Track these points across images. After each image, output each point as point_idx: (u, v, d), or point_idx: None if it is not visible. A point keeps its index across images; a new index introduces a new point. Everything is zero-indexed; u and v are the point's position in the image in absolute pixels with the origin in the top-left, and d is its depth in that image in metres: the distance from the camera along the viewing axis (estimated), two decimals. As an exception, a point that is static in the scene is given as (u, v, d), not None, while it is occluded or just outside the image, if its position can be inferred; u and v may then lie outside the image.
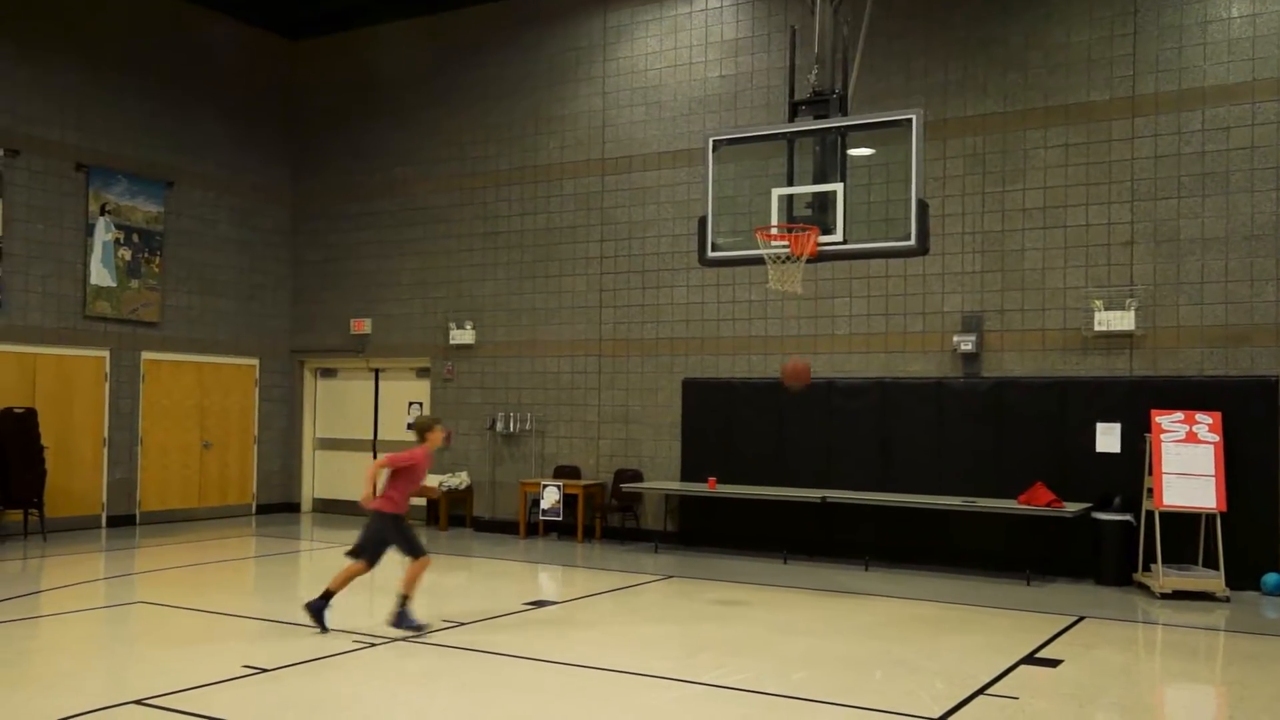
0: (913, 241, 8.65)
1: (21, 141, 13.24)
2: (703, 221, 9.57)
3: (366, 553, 7.85)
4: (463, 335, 14.91)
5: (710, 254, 9.60)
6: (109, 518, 14.22)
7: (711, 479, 12.38)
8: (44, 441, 12.96)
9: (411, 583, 7.93)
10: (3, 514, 12.61)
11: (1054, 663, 7.31)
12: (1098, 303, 11.12)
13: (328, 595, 7.82)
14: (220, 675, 6.56)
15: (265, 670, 6.73)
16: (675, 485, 12.85)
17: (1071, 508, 10.47)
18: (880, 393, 12.02)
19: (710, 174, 9.56)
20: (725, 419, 12.85)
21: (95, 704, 5.90)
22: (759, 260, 9.26)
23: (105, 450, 14.18)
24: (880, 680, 6.91)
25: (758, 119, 12.60)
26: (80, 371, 13.92)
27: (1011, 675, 6.92)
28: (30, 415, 12.93)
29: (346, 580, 7.85)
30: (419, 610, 7.94)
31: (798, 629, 8.46)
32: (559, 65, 14.40)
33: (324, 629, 7.75)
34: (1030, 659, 7.39)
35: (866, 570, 11.34)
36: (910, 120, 8.71)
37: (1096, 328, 11.08)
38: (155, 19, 14.84)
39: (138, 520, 14.55)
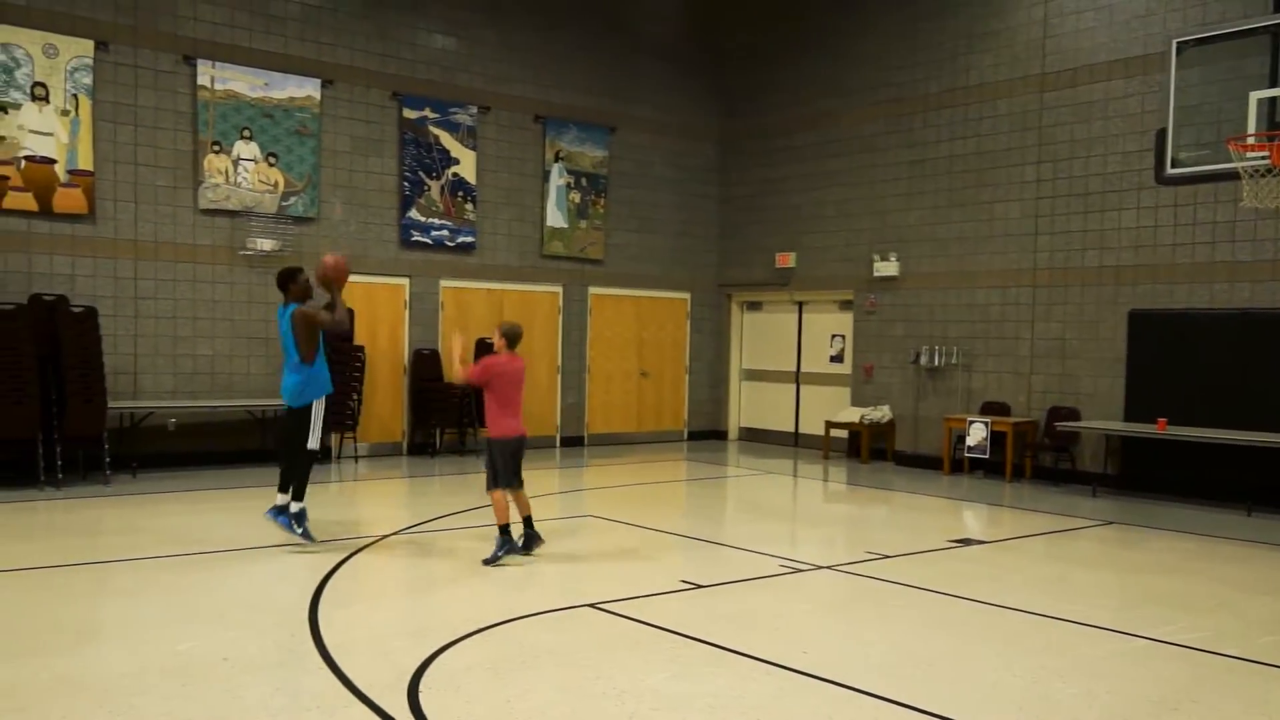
0: None
1: (491, 99, 14.78)
2: (1161, 134, 8.69)
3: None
4: (886, 267, 14.68)
5: (1170, 170, 8.71)
6: (562, 438, 15.74)
7: (1161, 419, 11.30)
8: (509, 368, 14.58)
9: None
10: (477, 432, 14.39)
11: None
12: None
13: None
14: (660, 588, 7.07)
15: (700, 586, 7.16)
16: (1118, 425, 11.87)
17: None
18: (1381, 326, 10.27)
19: (1172, 81, 8.63)
20: (1178, 354, 11.62)
21: (556, 604, 6.60)
22: (1230, 175, 8.25)
23: (559, 377, 15.67)
24: (1373, 656, 5.99)
25: (1231, 13, 11.00)
26: (538, 306, 15.44)
27: None
28: (498, 344, 14.58)
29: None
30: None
31: (1265, 588, 7.54)
32: (992, -23, 13.56)
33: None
34: None
35: (1356, 530, 9.86)
36: None
37: None
38: (596, -26, 15.86)
39: (585, 441, 15.98)
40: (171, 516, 9.49)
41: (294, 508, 8.05)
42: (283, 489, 8.11)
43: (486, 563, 7.65)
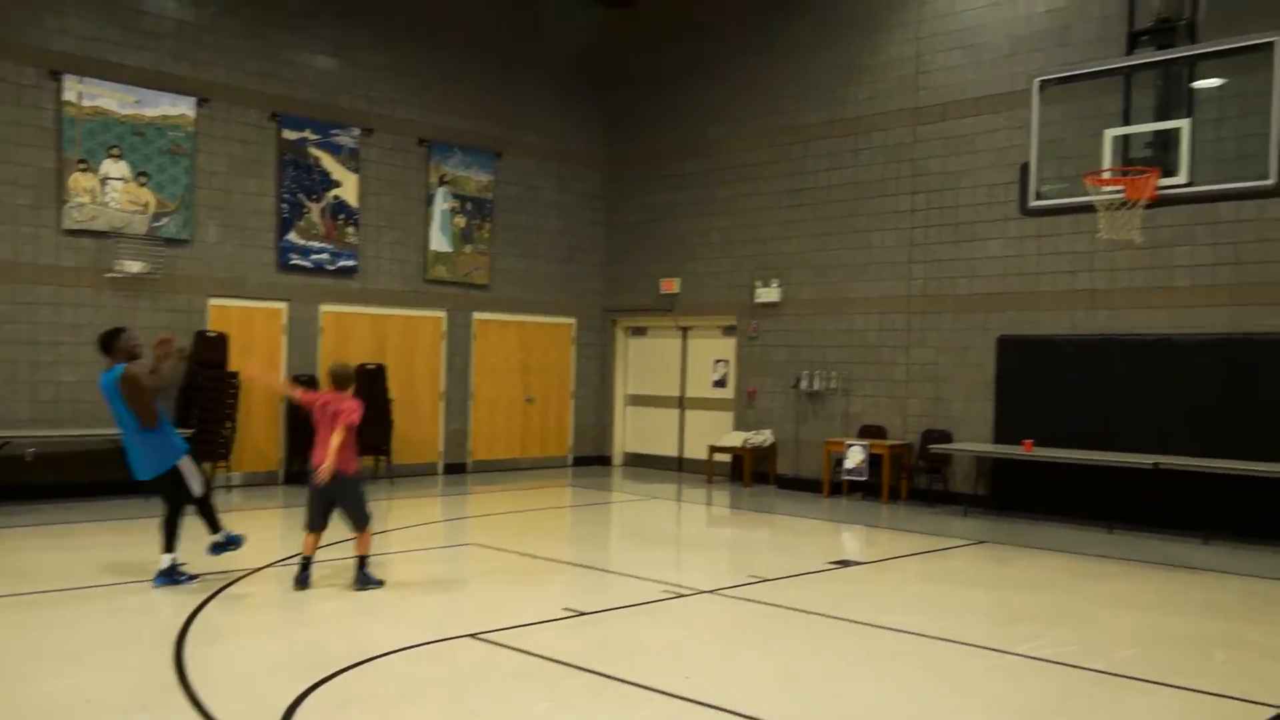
0: (1272, 180, 7.75)
1: (375, 121, 14.57)
2: (1025, 169, 9.06)
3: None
4: (768, 293, 14.94)
5: (1033, 203, 9.08)
6: (445, 465, 15.52)
7: (1028, 441, 11.74)
8: (391, 395, 14.34)
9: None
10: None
11: None
12: None
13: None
14: (542, 616, 6.99)
15: (583, 613, 7.11)
16: (988, 447, 12.29)
17: None
18: (1227, 350, 10.89)
19: (1035, 117, 9.00)
20: (1044, 378, 12.11)
21: (434, 635, 6.47)
22: (1088, 208, 8.65)
23: (442, 403, 15.46)
24: (1224, 663, 6.31)
25: (1090, 55, 11.56)
26: (421, 331, 15.23)
27: (1388, 672, 6.11)
28: (380, 371, 14.33)
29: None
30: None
31: (1125, 602, 7.88)
32: (872, 11, 13.98)
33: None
34: None
35: (1206, 544, 10.38)
36: (1272, 44, 7.78)
37: None
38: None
39: (469, 469, 15.79)
40: (28, 551, 9.01)
41: (220, 537, 8.00)
42: (167, 548, 7.67)
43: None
